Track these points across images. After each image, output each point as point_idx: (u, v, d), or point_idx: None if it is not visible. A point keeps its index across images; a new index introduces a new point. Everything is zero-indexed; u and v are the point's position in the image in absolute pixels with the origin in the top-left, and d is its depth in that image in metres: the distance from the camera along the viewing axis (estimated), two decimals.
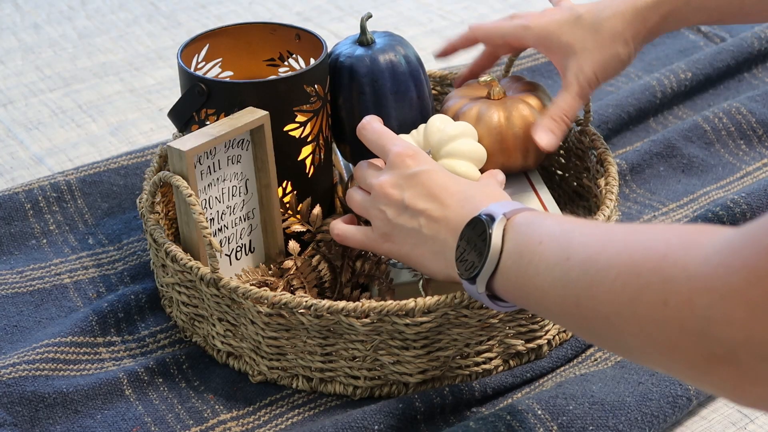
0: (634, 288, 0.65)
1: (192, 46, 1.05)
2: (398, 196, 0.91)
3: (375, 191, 0.93)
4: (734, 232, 0.61)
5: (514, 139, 1.06)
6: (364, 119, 0.99)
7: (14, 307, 1.06)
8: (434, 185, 0.90)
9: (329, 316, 0.90)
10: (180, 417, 0.95)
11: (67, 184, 1.20)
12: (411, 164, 0.92)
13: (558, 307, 0.74)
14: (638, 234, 0.69)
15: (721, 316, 0.59)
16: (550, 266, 0.74)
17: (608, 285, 0.67)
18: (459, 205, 0.88)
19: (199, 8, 1.69)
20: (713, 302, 0.59)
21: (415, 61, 1.06)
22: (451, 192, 0.90)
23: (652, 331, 0.64)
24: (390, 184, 0.92)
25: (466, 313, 0.91)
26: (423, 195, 0.90)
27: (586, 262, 0.70)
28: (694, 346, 0.61)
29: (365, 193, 0.96)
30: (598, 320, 0.69)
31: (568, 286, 0.72)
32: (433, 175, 0.91)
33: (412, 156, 0.93)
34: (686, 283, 0.61)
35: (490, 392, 0.94)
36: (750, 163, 1.26)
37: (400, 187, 0.92)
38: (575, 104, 1.06)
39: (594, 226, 0.74)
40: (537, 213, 0.82)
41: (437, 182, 0.91)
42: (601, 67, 1.05)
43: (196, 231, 0.96)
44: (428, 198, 0.90)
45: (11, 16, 1.65)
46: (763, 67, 1.45)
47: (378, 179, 0.93)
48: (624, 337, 0.67)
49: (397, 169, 0.93)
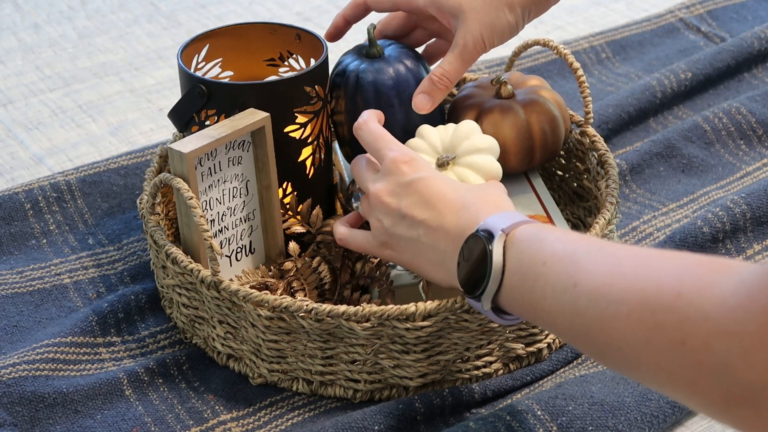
0: (649, 326, 0.64)
1: (192, 47, 1.05)
2: (395, 205, 0.89)
3: (372, 199, 0.91)
4: (750, 272, 0.60)
5: (541, 134, 1.05)
6: (362, 117, 0.96)
7: (14, 307, 1.06)
8: (431, 193, 0.88)
9: (330, 320, 0.90)
10: (180, 417, 0.95)
11: (67, 184, 1.20)
12: (407, 171, 0.90)
13: (568, 332, 0.73)
14: (648, 268, 0.67)
15: (740, 360, 0.59)
16: (558, 292, 0.73)
17: (621, 321, 0.67)
18: (456, 215, 0.86)
19: (199, 8, 1.68)
20: (732, 346, 0.59)
21: (422, 70, 1.05)
22: (448, 200, 0.88)
23: (669, 369, 0.64)
24: (386, 192, 0.90)
25: (466, 318, 0.91)
26: (420, 204, 0.88)
27: (595, 293, 0.69)
28: (712, 386, 0.61)
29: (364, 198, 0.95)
30: (610, 351, 0.69)
31: (578, 315, 0.71)
32: (430, 183, 0.89)
33: (408, 162, 0.90)
34: (703, 324, 0.61)
35: (489, 394, 0.94)
36: (750, 163, 1.26)
37: (396, 196, 0.90)
38: (459, 67, 1.01)
39: (599, 249, 0.73)
40: (537, 226, 0.80)
41: (434, 190, 0.88)
42: (489, 29, 1.00)
43: (197, 233, 0.96)
44: (425, 207, 0.88)
45: (11, 16, 1.65)
46: (763, 67, 1.45)
47: (374, 186, 0.91)
48: (638, 369, 0.67)
49: (392, 175, 0.90)
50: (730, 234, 1.10)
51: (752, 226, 1.11)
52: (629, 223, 1.17)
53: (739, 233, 1.11)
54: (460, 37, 1.00)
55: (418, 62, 1.05)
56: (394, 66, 1.03)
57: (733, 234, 1.10)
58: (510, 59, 1.20)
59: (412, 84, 1.03)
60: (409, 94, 1.03)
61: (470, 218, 0.85)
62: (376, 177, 0.92)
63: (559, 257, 0.74)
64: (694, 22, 1.57)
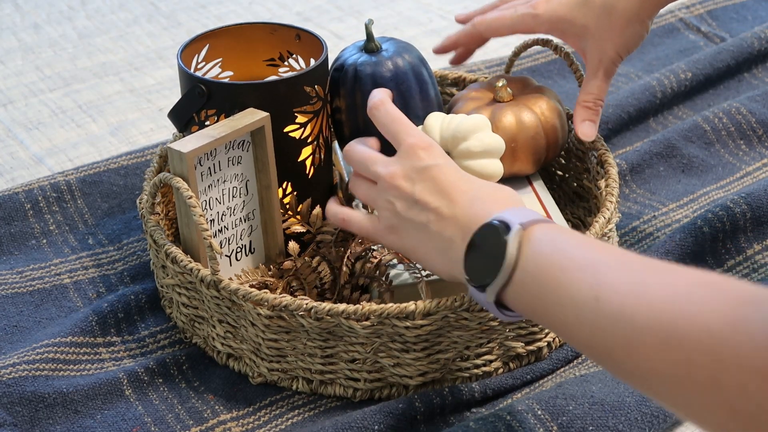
0: (679, 362, 0.63)
1: (192, 47, 1.05)
2: (409, 189, 0.88)
3: (384, 181, 0.90)
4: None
5: (553, 132, 1.06)
6: (375, 96, 0.94)
7: (14, 307, 1.06)
8: (446, 181, 0.87)
9: (330, 319, 0.90)
10: (180, 417, 0.95)
11: (67, 184, 1.20)
12: (424, 157, 0.89)
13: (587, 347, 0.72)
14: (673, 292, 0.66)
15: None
16: (577, 303, 0.72)
17: (649, 351, 0.65)
18: (468, 204, 0.85)
19: (199, 8, 1.69)
20: (766, 388, 0.59)
21: (420, 66, 1.05)
22: (463, 190, 0.87)
23: (699, 406, 0.63)
24: (401, 175, 0.89)
25: (466, 316, 0.91)
26: (434, 190, 0.87)
27: (619, 313, 0.68)
28: (743, 426, 0.60)
29: (370, 182, 0.93)
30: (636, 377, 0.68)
31: (599, 332, 0.69)
32: (445, 170, 0.88)
33: (425, 148, 0.89)
34: (736, 364, 0.60)
35: (489, 393, 0.94)
36: (750, 163, 1.26)
37: (411, 180, 0.88)
38: (604, 87, 1.05)
39: (621, 263, 0.72)
40: (556, 227, 0.79)
41: (449, 178, 0.88)
42: (623, 46, 1.04)
43: (197, 233, 0.96)
44: (439, 194, 0.87)
45: (11, 16, 1.65)
46: (763, 67, 1.45)
47: (387, 169, 0.90)
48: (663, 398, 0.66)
49: (408, 160, 0.89)
50: (730, 234, 1.10)
51: (752, 226, 1.11)
52: (629, 223, 1.17)
53: (739, 233, 1.11)
54: (596, 59, 1.05)
55: (415, 57, 1.05)
56: (393, 59, 1.04)
57: (733, 234, 1.10)
58: (510, 59, 1.20)
59: (411, 77, 1.04)
60: (407, 87, 1.03)
61: (483, 209, 0.84)
62: (389, 160, 0.91)
63: (579, 265, 0.73)
64: (694, 22, 1.57)
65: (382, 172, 0.90)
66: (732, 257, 1.10)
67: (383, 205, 0.90)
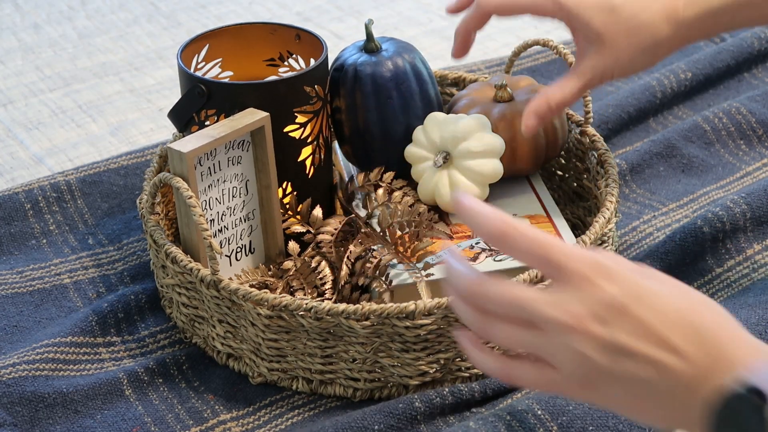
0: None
1: (192, 47, 1.05)
2: (607, 336, 0.66)
3: (563, 326, 0.66)
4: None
5: (552, 131, 1.06)
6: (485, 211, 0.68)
7: (14, 307, 1.06)
8: (651, 317, 0.66)
9: (329, 319, 0.90)
10: (180, 417, 0.95)
11: (67, 184, 1.20)
12: (605, 286, 0.66)
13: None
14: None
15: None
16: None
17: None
18: (702, 353, 0.65)
19: (199, 8, 1.69)
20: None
21: (420, 66, 1.06)
22: (680, 327, 0.66)
23: None
24: (589, 316, 0.66)
25: None
26: (643, 334, 0.66)
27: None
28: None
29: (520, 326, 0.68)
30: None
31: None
32: (643, 302, 0.66)
33: (601, 272, 0.67)
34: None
35: (490, 393, 0.94)
36: (750, 163, 1.26)
37: (603, 322, 0.66)
38: (578, 96, 0.98)
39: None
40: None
41: (652, 311, 0.66)
42: (623, 71, 0.97)
43: (197, 233, 0.96)
44: (651, 339, 0.66)
45: (11, 16, 1.65)
46: (763, 67, 1.45)
47: (565, 310, 0.66)
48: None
49: (584, 291, 0.66)
50: (730, 234, 1.10)
51: (752, 226, 1.11)
52: (629, 223, 1.17)
53: (739, 233, 1.11)
54: (589, 67, 0.97)
55: (416, 57, 1.05)
56: (393, 59, 1.04)
57: (733, 234, 1.10)
58: (510, 59, 1.20)
59: (411, 77, 1.04)
60: (407, 87, 1.03)
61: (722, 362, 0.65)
62: (556, 297, 0.67)
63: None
64: None
65: (557, 315, 0.66)
66: (732, 257, 1.10)
67: (568, 357, 0.67)
